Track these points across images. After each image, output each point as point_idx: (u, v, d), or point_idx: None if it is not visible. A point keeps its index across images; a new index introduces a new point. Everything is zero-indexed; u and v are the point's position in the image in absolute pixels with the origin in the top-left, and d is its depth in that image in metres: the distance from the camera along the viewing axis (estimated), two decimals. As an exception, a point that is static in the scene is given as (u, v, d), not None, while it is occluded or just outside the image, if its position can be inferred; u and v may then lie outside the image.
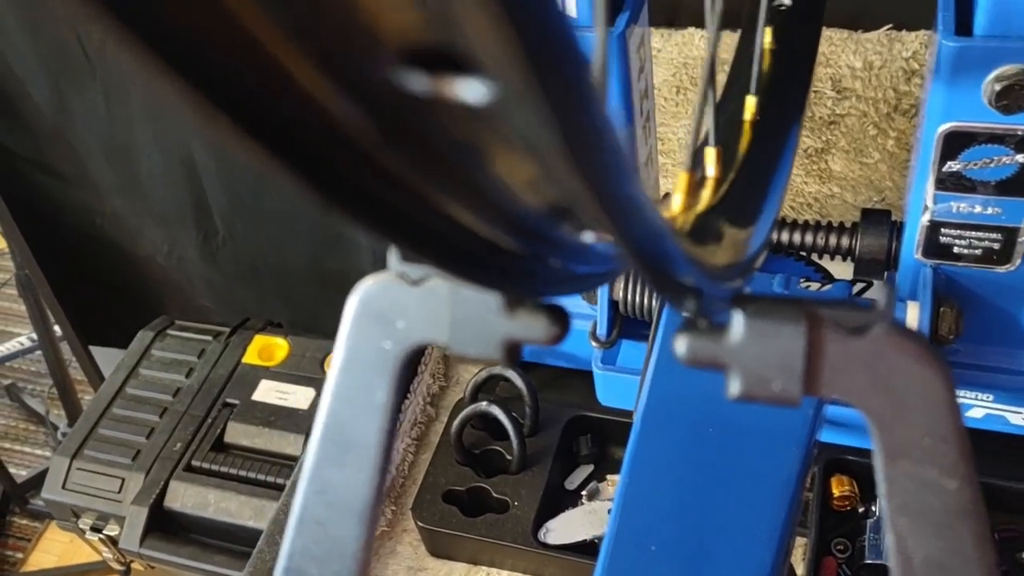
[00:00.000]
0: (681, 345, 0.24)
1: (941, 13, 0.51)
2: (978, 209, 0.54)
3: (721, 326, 0.24)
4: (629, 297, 0.61)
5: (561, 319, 0.25)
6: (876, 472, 0.24)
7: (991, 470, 0.62)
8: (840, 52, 0.92)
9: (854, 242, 0.62)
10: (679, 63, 0.92)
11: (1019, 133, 0.50)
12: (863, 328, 0.23)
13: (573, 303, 0.67)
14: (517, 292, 0.24)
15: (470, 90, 0.13)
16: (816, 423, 0.48)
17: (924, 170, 0.54)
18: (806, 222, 0.66)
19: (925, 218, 0.55)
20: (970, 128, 0.51)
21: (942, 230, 0.55)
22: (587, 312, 0.67)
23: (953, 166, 0.53)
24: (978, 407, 0.61)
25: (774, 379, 0.23)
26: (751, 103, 0.49)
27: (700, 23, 0.96)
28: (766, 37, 0.55)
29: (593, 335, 0.63)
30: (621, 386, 0.64)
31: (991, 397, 0.60)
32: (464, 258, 0.20)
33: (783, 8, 0.57)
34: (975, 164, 0.52)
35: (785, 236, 0.66)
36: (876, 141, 0.85)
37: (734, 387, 0.24)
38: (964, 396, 0.61)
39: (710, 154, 0.46)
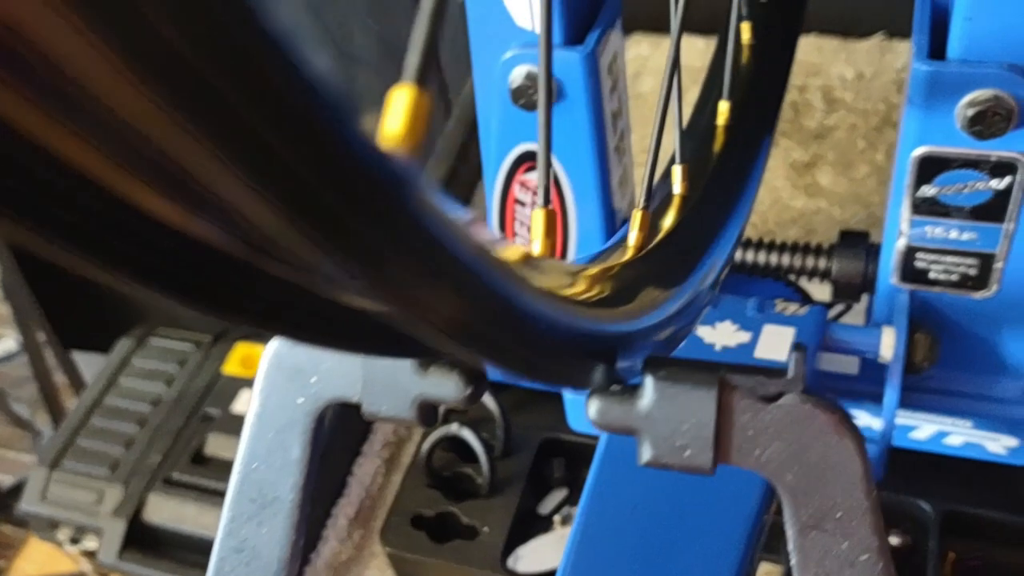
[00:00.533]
0: (592, 409, 0.23)
1: (916, 36, 0.50)
2: (953, 234, 0.53)
3: (634, 388, 0.23)
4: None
5: (475, 378, 0.24)
6: (788, 543, 0.23)
7: (965, 497, 0.61)
8: (831, 62, 0.91)
9: (831, 264, 0.61)
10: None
11: (993, 159, 0.49)
12: (775, 396, 0.22)
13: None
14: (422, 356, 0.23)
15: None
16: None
17: (899, 194, 0.53)
18: (783, 243, 0.66)
19: (901, 243, 0.54)
20: (944, 153, 0.50)
21: (918, 255, 0.54)
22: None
23: (928, 191, 0.52)
24: (956, 434, 0.60)
25: (685, 446, 0.22)
26: (724, 108, 0.49)
27: (690, 29, 0.95)
28: (744, 33, 0.54)
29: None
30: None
31: (969, 424, 0.59)
32: (352, 336, 0.19)
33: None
34: (950, 189, 0.51)
35: (762, 257, 0.66)
36: (865, 155, 0.84)
37: (644, 453, 0.23)
38: (942, 423, 0.60)
39: (676, 172, 0.45)
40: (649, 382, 0.22)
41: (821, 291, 0.68)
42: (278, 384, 0.26)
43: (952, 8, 0.48)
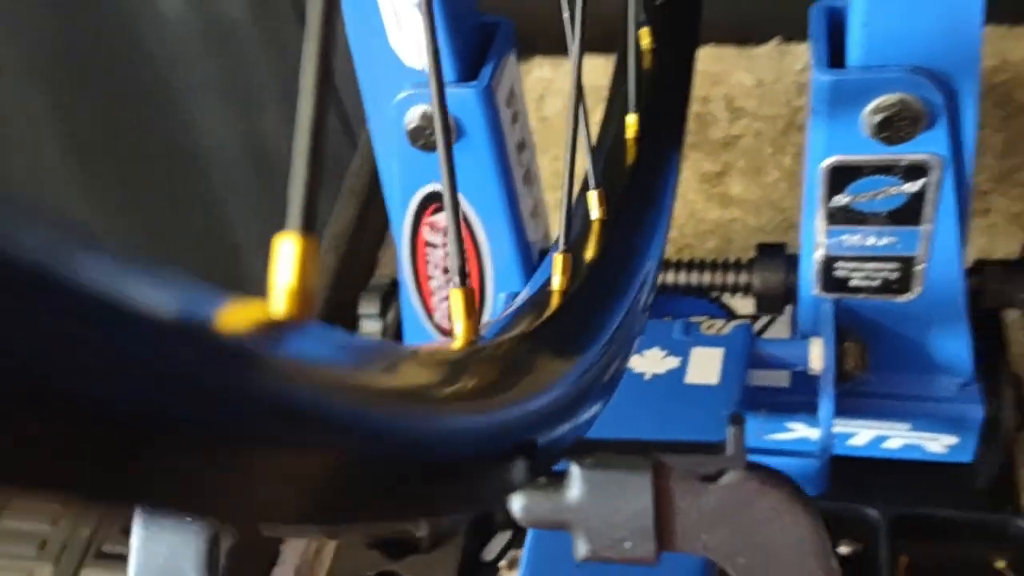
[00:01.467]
0: (516, 506, 0.21)
1: (813, 46, 0.49)
2: (872, 241, 0.52)
3: (560, 477, 0.21)
4: (527, 358, 0.58)
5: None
6: (748, 629, 0.21)
7: (912, 499, 0.60)
8: (731, 70, 0.91)
9: (752, 279, 0.60)
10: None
11: (904, 163, 0.48)
12: (715, 475, 0.20)
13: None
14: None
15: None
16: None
17: (812, 205, 0.52)
18: (702, 261, 0.64)
19: (819, 253, 0.53)
20: (854, 161, 0.49)
21: (837, 264, 0.53)
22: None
23: (841, 200, 0.51)
24: (895, 437, 0.59)
25: (623, 538, 0.20)
26: (632, 121, 0.47)
27: (590, 48, 0.94)
28: (644, 39, 0.52)
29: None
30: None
31: (908, 426, 0.59)
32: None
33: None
34: (863, 196, 0.50)
35: (683, 277, 0.64)
36: (774, 159, 0.84)
37: (580, 549, 0.21)
38: (879, 428, 0.59)
39: (592, 197, 0.43)
40: (576, 472, 0.20)
41: (744, 304, 0.67)
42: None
43: (848, 14, 0.48)
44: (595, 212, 0.42)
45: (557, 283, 0.29)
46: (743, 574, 0.21)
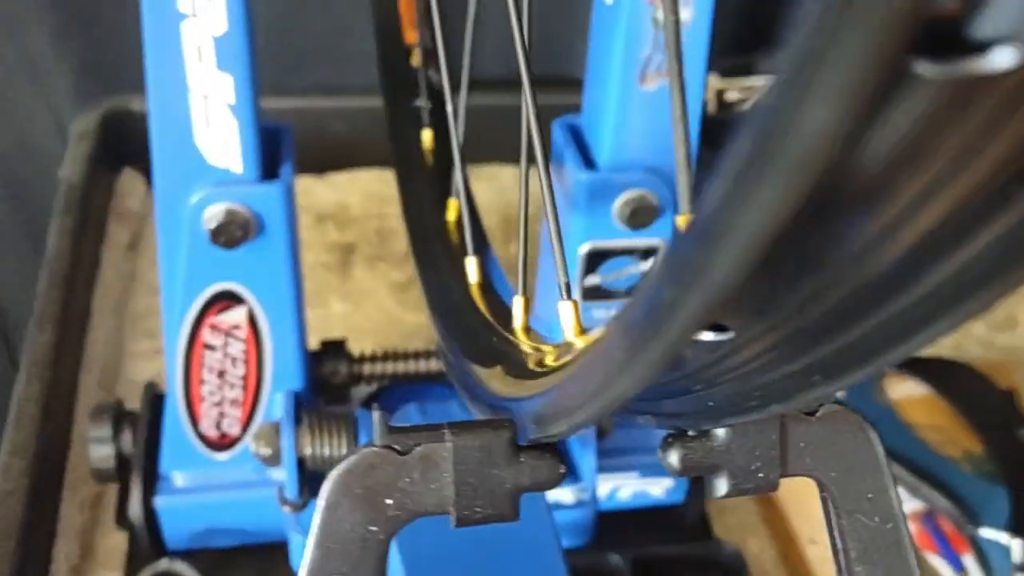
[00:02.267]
0: (673, 456, 0.26)
1: (565, 150, 0.59)
2: (615, 313, 0.62)
3: (705, 433, 0.26)
4: (318, 451, 0.59)
5: (562, 458, 0.25)
6: (833, 530, 0.27)
7: (647, 541, 0.70)
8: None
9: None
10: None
11: (643, 246, 0.60)
12: (815, 411, 0.27)
13: (244, 471, 0.63)
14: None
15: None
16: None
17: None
18: (406, 352, 0.70)
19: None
20: (606, 246, 0.59)
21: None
22: (251, 480, 0.63)
23: (593, 279, 0.61)
24: (626, 487, 0.69)
25: (758, 469, 0.26)
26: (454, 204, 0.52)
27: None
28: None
29: (282, 499, 0.59)
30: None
31: (635, 475, 0.69)
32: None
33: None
34: (610, 276, 0.61)
35: (422, 365, 0.70)
36: (453, 268, 0.93)
37: (721, 487, 0.26)
38: (615, 480, 0.68)
39: (471, 263, 0.47)
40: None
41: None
42: (346, 515, 0.24)
43: (588, 128, 0.59)
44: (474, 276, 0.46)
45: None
46: (834, 484, 0.27)
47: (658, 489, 0.70)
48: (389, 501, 0.24)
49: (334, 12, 0.96)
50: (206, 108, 0.50)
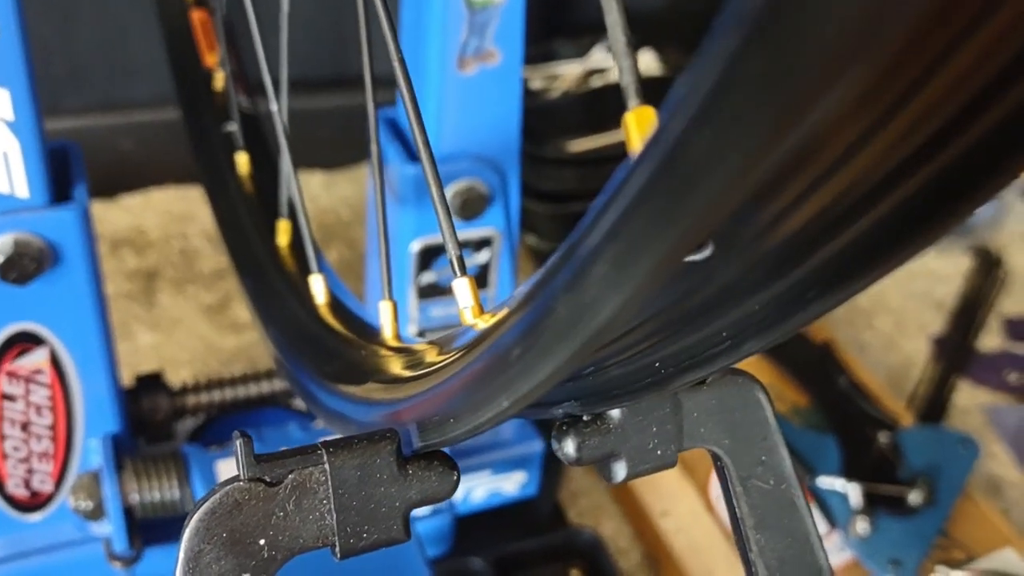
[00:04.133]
0: (569, 446, 0.24)
1: (387, 145, 0.56)
2: (452, 310, 0.60)
3: (599, 418, 0.24)
4: (147, 496, 0.54)
5: (453, 464, 0.23)
6: (732, 498, 0.26)
7: (504, 539, 0.68)
8: (200, 206, 0.94)
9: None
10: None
11: (476, 237, 0.58)
12: (715, 381, 0.25)
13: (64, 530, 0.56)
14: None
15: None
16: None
17: (404, 286, 0.58)
18: (265, 371, 0.66)
19: (411, 329, 0.60)
20: (438, 241, 0.57)
21: (426, 335, 0.60)
22: (72, 539, 0.57)
23: (428, 276, 0.58)
24: (480, 487, 0.67)
25: (655, 448, 0.25)
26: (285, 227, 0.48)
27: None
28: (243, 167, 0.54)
29: (112, 555, 0.54)
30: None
31: (488, 472, 0.67)
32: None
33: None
34: (445, 271, 0.59)
35: (252, 390, 0.65)
36: (270, 284, 0.88)
37: (619, 472, 0.24)
38: (468, 481, 0.66)
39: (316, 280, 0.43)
40: (615, 409, 0.24)
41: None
42: (210, 563, 0.20)
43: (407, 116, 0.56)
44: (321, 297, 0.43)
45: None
46: (729, 452, 0.26)
47: (511, 485, 0.68)
48: (262, 541, 0.21)
49: (110, 21, 0.89)
50: (-23, 128, 0.44)
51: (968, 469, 0.75)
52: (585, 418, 0.24)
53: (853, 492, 0.72)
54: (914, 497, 0.72)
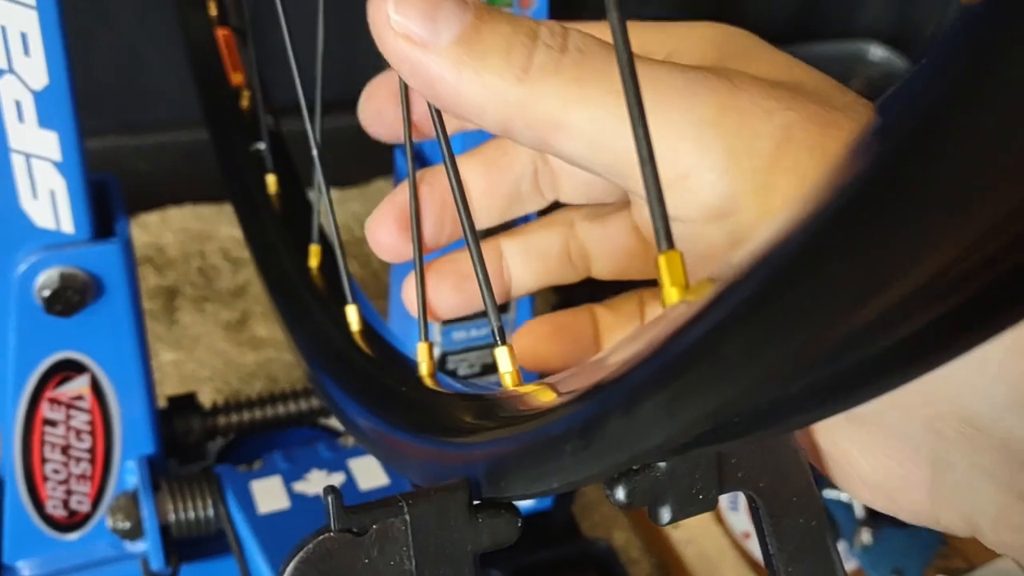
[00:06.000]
0: (620, 493, 0.26)
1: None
2: (474, 333, 0.62)
3: (651, 467, 0.26)
4: (182, 515, 0.56)
5: (517, 512, 0.25)
6: (767, 536, 0.29)
7: (521, 550, 0.70)
8: (215, 225, 0.96)
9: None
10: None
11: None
12: (741, 426, 0.28)
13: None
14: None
15: None
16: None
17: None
18: (283, 393, 0.68)
19: (435, 352, 0.62)
20: (460, 267, 0.59)
21: (448, 358, 0.63)
22: (107, 556, 0.59)
23: (450, 302, 0.61)
24: (498, 501, 0.69)
25: (698, 492, 0.27)
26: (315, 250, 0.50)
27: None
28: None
29: (148, 572, 0.56)
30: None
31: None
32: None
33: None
34: (466, 296, 0.61)
35: (280, 409, 0.67)
36: (286, 301, 0.90)
37: (665, 515, 0.27)
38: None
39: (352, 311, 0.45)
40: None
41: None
42: (309, 610, 0.23)
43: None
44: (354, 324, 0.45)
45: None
46: (764, 493, 0.29)
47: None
48: (351, 584, 0.23)
49: (126, 45, 0.91)
50: (29, 168, 0.46)
51: (968, 480, 0.78)
52: (635, 467, 0.26)
53: (857, 504, 0.74)
54: (916, 508, 0.74)
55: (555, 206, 0.34)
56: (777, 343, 0.13)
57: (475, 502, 0.25)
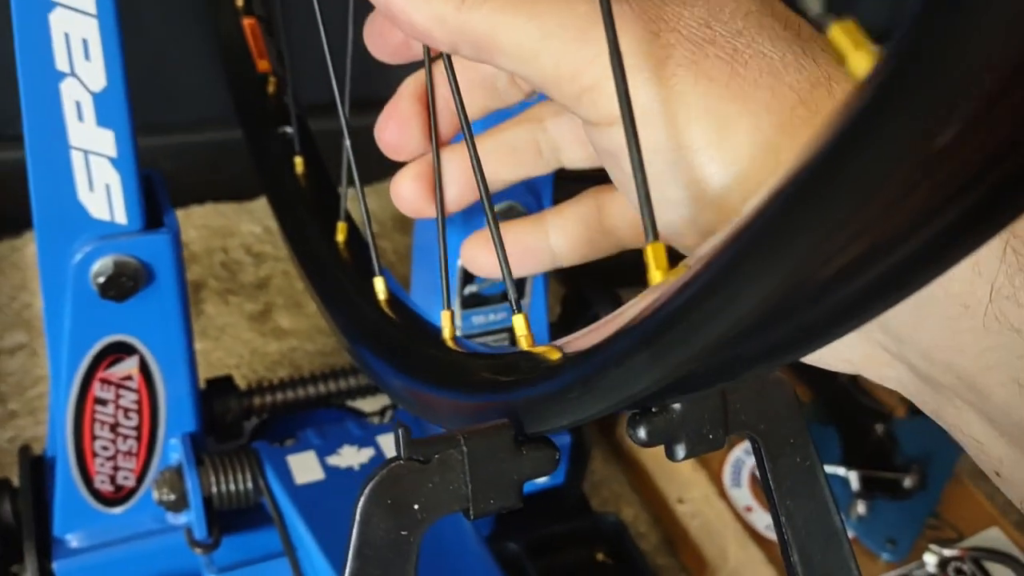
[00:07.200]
0: (641, 432, 0.30)
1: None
2: (492, 317, 0.67)
3: (664, 408, 0.31)
4: (224, 488, 0.60)
5: (555, 447, 0.29)
6: (768, 476, 0.33)
7: (535, 525, 0.74)
8: (237, 222, 1.00)
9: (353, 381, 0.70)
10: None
11: (511, 251, 0.64)
12: (745, 376, 0.32)
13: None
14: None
15: None
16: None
17: (450, 297, 0.65)
18: (312, 375, 0.72)
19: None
20: (478, 255, 0.63)
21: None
22: (151, 528, 0.63)
23: (471, 289, 0.65)
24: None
25: (707, 433, 0.31)
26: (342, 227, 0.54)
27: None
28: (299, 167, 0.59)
29: (192, 541, 0.60)
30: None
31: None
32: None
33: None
34: (485, 283, 0.65)
35: (311, 390, 0.71)
36: (307, 293, 0.94)
37: (679, 452, 0.31)
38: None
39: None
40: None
41: (367, 404, 0.76)
42: (378, 523, 0.27)
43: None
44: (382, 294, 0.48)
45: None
46: (764, 436, 0.33)
47: (542, 475, 0.75)
48: (416, 506, 0.27)
49: (146, 47, 0.95)
50: (87, 164, 0.50)
51: (957, 456, 0.82)
52: (653, 409, 0.30)
53: (853, 478, 0.78)
54: (908, 482, 0.78)
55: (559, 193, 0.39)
56: (720, 321, 0.18)
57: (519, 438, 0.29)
